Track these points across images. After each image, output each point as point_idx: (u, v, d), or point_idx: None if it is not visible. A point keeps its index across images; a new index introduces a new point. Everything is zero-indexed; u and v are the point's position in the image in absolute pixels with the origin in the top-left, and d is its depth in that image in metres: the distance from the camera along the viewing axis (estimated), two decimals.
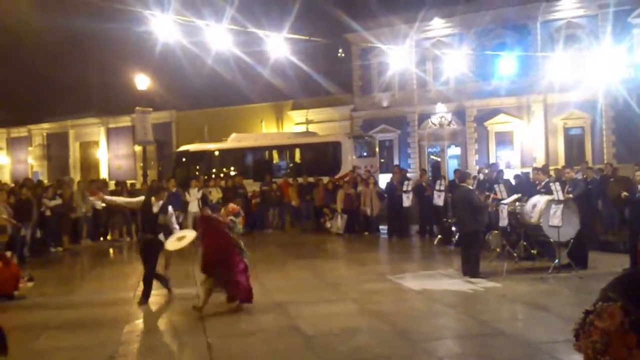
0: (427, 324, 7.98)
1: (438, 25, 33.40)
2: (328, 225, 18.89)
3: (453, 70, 28.00)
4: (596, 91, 28.67)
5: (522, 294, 9.37)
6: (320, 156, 24.74)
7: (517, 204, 11.66)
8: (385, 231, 17.90)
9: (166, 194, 10.56)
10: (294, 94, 36.57)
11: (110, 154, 44.64)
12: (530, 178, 15.14)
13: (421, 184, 17.35)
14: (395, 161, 32.99)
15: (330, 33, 31.09)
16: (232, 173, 24.53)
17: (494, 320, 7.99)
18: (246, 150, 26.10)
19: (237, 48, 16.47)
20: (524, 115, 31.72)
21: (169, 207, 9.95)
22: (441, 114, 33.61)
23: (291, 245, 16.52)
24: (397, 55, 24.94)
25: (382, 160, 30.83)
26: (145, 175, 24.60)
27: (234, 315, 8.52)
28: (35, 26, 36.74)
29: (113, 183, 25.44)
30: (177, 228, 10.27)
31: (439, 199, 15.55)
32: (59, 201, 16.69)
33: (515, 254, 11.56)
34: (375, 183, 19.14)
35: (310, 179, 20.64)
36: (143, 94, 24.67)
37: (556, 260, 10.63)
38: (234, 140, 26.68)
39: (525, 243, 11.72)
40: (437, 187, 15.75)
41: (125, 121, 41.93)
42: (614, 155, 28.77)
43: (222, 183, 20.29)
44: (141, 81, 24.13)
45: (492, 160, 28.78)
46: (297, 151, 25.61)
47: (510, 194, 12.29)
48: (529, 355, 6.67)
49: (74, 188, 18.33)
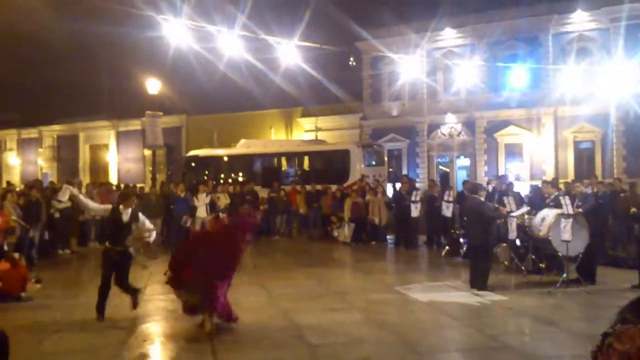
0: (434, 336, 7.94)
1: (449, 36, 33.44)
2: (335, 233, 18.88)
3: (464, 81, 28.01)
4: (607, 105, 28.61)
5: (530, 308, 9.31)
6: (329, 164, 24.76)
7: (526, 216, 11.62)
8: (393, 241, 17.87)
9: (135, 199, 9.51)
10: (304, 101, 36.64)
11: (119, 157, 44.84)
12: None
13: (432, 195, 17.30)
14: (404, 171, 32.98)
15: (342, 41, 31.12)
16: (240, 179, 24.57)
17: (500, 333, 7.94)
18: (255, 156, 26.15)
19: (248, 54, 16.52)
20: (534, 127, 31.64)
21: (139, 215, 9.02)
22: (451, 124, 33.60)
23: (298, 253, 16.50)
24: (408, 64, 24.95)
25: (391, 169, 30.80)
26: (154, 179, 24.67)
27: (242, 322, 8.49)
28: (48, 29, 37.09)
29: (122, 186, 25.50)
30: (153, 237, 9.35)
31: (448, 210, 15.54)
32: (68, 203, 16.70)
33: (523, 267, 11.51)
34: (384, 192, 19.11)
35: (319, 187, 20.64)
36: (154, 98, 24.76)
37: (564, 275, 10.56)
38: (243, 146, 26.74)
39: (533, 256, 11.66)
40: (446, 198, 15.74)
41: (135, 125, 42.13)
42: (624, 169, 28.65)
43: (231, 189, 20.31)
44: (152, 85, 24.22)
45: (502, 172, 28.71)
46: (306, 158, 25.63)
47: (522, 205, 12.25)
48: None
49: (83, 190, 18.39)
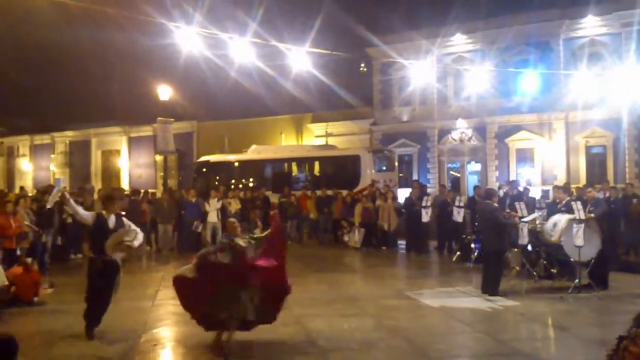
0: (445, 341, 7.92)
1: (460, 41, 33.42)
2: (346, 238, 18.87)
3: (474, 86, 27.92)
4: (619, 110, 28.46)
5: (541, 314, 9.27)
6: (339, 169, 24.77)
7: (538, 222, 11.57)
8: (403, 246, 17.84)
9: (118, 203, 8.71)
10: (314, 106, 36.73)
11: (131, 162, 45.09)
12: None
13: (445, 200, 17.26)
14: (415, 176, 32.90)
15: (352, 47, 31.29)
16: (251, 184, 24.63)
17: (512, 339, 7.91)
18: (266, 162, 26.22)
19: (259, 61, 16.58)
20: (545, 132, 31.52)
21: (124, 220, 8.35)
22: (462, 129, 33.54)
23: (308, 258, 16.50)
24: (418, 70, 24.94)
25: (401, 174, 30.75)
26: (165, 185, 24.79)
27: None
28: (61, 36, 37.43)
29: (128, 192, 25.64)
30: (138, 241, 8.28)
31: (459, 215, 15.50)
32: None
33: (535, 273, 11.45)
34: (394, 198, 19.09)
35: (329, 192, 20.64)
36: (165, 104, 24.93)
37: (576, 280, 10.50)
38: (253, 152, 26.83)
39: (545, 262, 11.61)
40: (457, 204, 15.71)
41: (147, 131, 42.35)
42: (637, 174, 28.46)
43: (241, 194, 20.36)
44: (164, 92, 24.38)
45: (513, 177, 28.59)
46: (316, 164, 25.66)
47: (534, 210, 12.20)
48: None
49: (95, 196, 18.49)
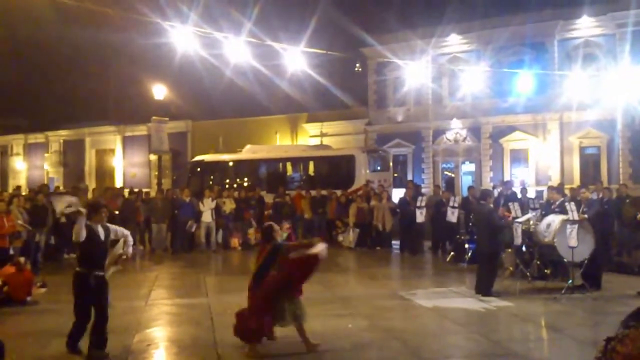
0: (438, 342, 7.93)
1: (455, 42, 33.48)
2: (340, 238, 18.86)
3: (469, 87, 27.96)
4: (613, 111, 28.57)
5: (535, 314, 9.29)
6: (334, 169, 24.75)
7: (531, 222, 11.59)
8: (398, 246, 17.85)
9: (105, 211, 7.82)
10: (309, 106, 36.77)
11: (125, 162, 44.98)
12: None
13: (440, 200, 17.26)
14: (409, 176, 32.95)
15: (347, 47, 31.28)
16: (246, 184, 24.60)
17: (505, 340, 7.92)
18: (260, 161, 26.18)
19: (254, 60, 16.56)
20: (540, 133, 31.61)
21: (110, 227, 7.67)
22: (456, 129, 33.59)
23: None
24: (413, 70, 24.97)
25: (396, 174, 30.77)
26: (159, 184, 24.73)
27: None
28: (55, 36, 37.33)
29: (127, 191, 25.59)
30: (130, 248, 7.78)
31: (453, 216, 15.51)
32: (74, 208, 16.77)
33: (528, 273, 11.47)
34: (389, 198, 19.09)
35: (324, 192, 20.63)
36: (160, 104, 24.86)
37: (570, 281, 10.52)
38: (248, 152, 26.79)
39: (538, 262, 11.63)
40: (451, 204, 15.72)
41: (141, 130, 42.27)
42: (630, 175, 28.55)
43: (236, 194, 20.34)
44: (158, 91, 24.32)
45: (507, 178, 28.65)
46: (311, 164, 25.63)
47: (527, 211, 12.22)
48: None
49: (89, 195, 18.45)
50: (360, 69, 30.73)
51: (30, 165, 49.32)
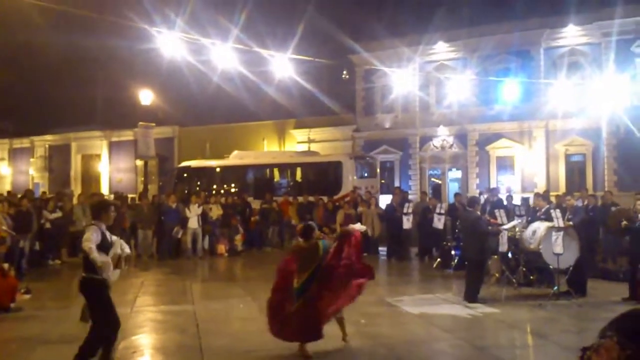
0: (425, 349, 7.93)
1: (442, 49, 33.66)
2: None
3: (456, 94, 28.14)
4: (598, 119, 28.85)
5: (521, 321, 9.33)
6: (321, 176, 24.77)
7: (517, 229, 11.66)
8: (385, 253, 17.85)
9: (113, 210, 7.33)
10: (296, 112, 36.77)
11: (111, 167, 44.69)
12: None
13: (426, 207, 17.29)
14: (396, 183, 32.99)
15: (335, 54, 31.38)
16: (233, 190, 24.55)
17: (491, 346, 7.95)
18: (247, 167, 26.15)
19: (242, 66, 16.58)
20: (526, 140, 31.83)
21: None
22: (443, 137, 33.73)
23: None
24: (401, 77, 25.09)
25: (383, 181, 30.82)
26: (145, 190, 24.61)
27: (233, 334, 8.47)
28: (41, 40, 37.08)
29: (112, 196, 25.46)
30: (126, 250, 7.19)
31: (439, 222, 15.55)
32: (59, 214, 16.67)
33: (514, 280, 11.53)
34: (376, 204, 19.11)
35: (311, 198, 20.62)
36: (146, 109, 24.79)
37: (555, 287, 10.59)
38: (235, 158, 26.75)
39: (524, 269, 11.69)
40: (438, 210, 15.76)
41: (127, 135, 42.06)
42: (615, 183, 28.80)
43: (223, 200, 20.29)
44: (145, 96, 24.25)
45: (493, 185, 28.78)
46: (298, 170, 25.65)
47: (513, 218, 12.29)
48: None
49: (75, 201, 18.33)
50: (347, 77, 30.83)
51: (15, 170, 48.84)
